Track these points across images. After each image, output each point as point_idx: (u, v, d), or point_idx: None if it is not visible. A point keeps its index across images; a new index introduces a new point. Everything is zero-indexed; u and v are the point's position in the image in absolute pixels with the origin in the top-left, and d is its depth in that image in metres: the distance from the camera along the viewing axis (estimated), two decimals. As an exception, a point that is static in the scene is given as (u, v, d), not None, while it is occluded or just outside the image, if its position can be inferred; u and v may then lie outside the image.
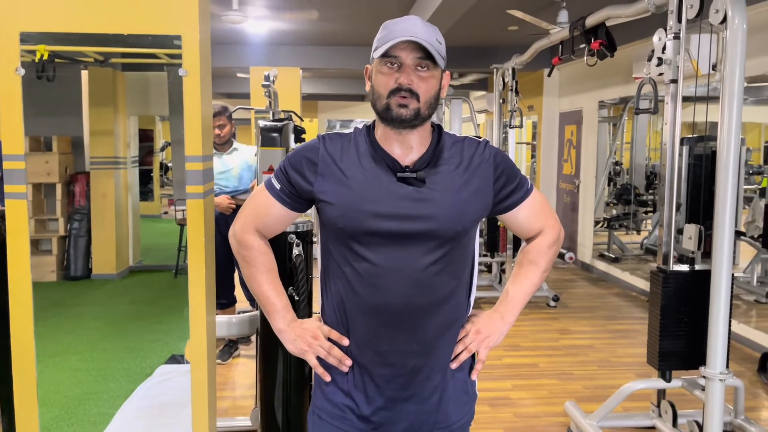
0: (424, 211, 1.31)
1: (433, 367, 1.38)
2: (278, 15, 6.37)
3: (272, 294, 1.44)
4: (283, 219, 1.44)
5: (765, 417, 3.41)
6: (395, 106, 1.29)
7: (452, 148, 1.38)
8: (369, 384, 1.37)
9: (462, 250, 1.38)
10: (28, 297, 2.09)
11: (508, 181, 1.40)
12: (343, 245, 1.35)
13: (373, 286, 1.32)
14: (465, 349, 1.41)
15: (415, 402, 1.38)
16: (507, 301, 1.47)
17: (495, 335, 1.42)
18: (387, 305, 1.32)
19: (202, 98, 2.06)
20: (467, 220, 1.35)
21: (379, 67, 1.32)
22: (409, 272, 1.31)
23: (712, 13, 2.57)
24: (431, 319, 1.35)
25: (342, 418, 1.39)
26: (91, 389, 3.61)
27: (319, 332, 1.39)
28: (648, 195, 7.77)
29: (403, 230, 1.30)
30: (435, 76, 1.32)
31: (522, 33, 6.25)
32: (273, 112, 3.76)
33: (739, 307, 5.28)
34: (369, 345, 1.36)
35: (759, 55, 4.39)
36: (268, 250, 1.46)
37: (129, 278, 6.60)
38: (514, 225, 1.48)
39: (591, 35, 3.89)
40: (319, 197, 1.35)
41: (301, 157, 1.38)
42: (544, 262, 1.48)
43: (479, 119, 9.66)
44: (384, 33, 1.30)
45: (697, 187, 3.24)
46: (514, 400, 3.56)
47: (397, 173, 1.32)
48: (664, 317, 2.84)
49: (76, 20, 2.00)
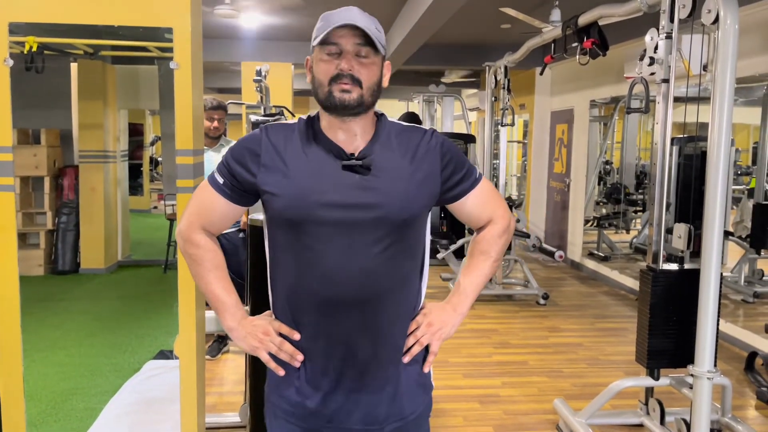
0: (370, 199, 1.29)
1: (385, 358, 1.36)
2: (270, 10, 6.34)
3: (221, 292, 1.41)
4: (228, 214, 1.41)
5: (752, 416, 3.44)
6: (337, 92, 1.27)
7: (399, 137, 1.37)
8: (321, 377, 1.35)
9: (411, 238, 1.36)
10: (15, 291, 2.07)
11: (456, 170, 1.40)
12: (289, 236, 1.32)
13: (321, 277, 1.30)
14: (417, 342, 1.39)
15: (368, 393, 1.35)
16: (459, 293, 1.45)
17: (447, 327, 1.41)
18: (335, 296, 1.30)
19: (193, 91, 2.04)
20: (414, 208, 1.33)
21: (319, 55, 1.30)
22: (356, 262, 1.29)
23: (705, 13, 2.58)
24: (381, 309, 1.33)
25: (296, 414, 1.37)
26: (78, 384, 3.58)
27: (269, 328, 1.37)
28: (638, 194, 7.80)
29: (350, 219, 1.28)
30: (376, 63, 1.31)
31: (515, 31, 6.26)
32: (264, 107, 3.74)
33: (726, 307, 5.32)
34: (319, 338, 1.33)
35: (750, 56, 4.42)
36: (215, 247, 1.43)
37: (117, 273, 6.56)
38: (463, 214, 1.47)
39: (583, 34, 3.90)
40: (264, 188, 1.32)
41: (243, 148, 1.35)
42: (495, 252, 1.47)
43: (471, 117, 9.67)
44: (322, 23, 1.29)
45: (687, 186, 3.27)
46: (504, 398, 3.57)
47: (342, 161, 1.31)
48: (653, 316, 2.85)
49: (66, 11, 1.98)
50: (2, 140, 2.02)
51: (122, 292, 5.80)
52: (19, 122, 6.54)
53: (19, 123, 6.48)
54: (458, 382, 3.80)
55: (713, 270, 2.59)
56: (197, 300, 2.14)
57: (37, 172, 6.28)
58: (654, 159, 2.97)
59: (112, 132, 6.60)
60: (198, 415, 2.22)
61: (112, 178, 6.59)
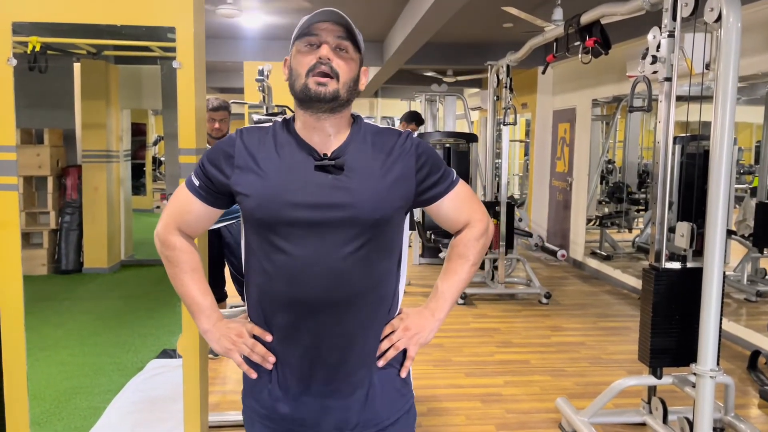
0: (341, 199, 1.28)
1: (356, 362, 1.34)
2: (272, 10, 6.35)
3: (197, 294, 1.42)
4: (204, 216, 1.41)
5: (755, 414, 3.43)
6: (313, 84, 1.27)
7: (374, 138, 1.36)
8: (292, 380, 1.34)
9: (385, 240, 1.34)
10: (18, 290, 2.07)
11: (431, 172, 1.38)
12: (262, 238, 1.32)
13: (292, 278, 1.29)
14: (392, 346, 1.37)
15: (339, 398, 1.34)
16: (437, 297, 1.44)
17: (425, 332, 1.39)
18: (306, 298, 1.29)
19: (196, 91, 2.05)
20: (386, 208, 1.32)
21: (299, 48, 1.31)
22: (327, 263, 1.28)
23: (707, 11, 2.58)
24: (352, 312, 1.31)
25: (270, 417, 1.37)
26: (81, 383, 3.59)
27: (243, 330, 1.37)
28: (640, 193, 7.79)
29: (321, 219, 1.27)
30: (355, 60, 1.32)
31: (517, 30, 6.26)
32: (267, 106, 3.75)
33: (729, 306, 5.32)
34: (290, 340, 1.32)
35: (753, 55, 4.41)
36: (192, 249, 1.43)
37: (120, 272, 6.58)
38: (439, 217, 1.46)
39: (586, 33, 3.90)
40: (236, 189, 1.33)
41: (218, 151, 1.36)
42: (473, 256, 1.46)
43: (473, 116, 9.67)
44: (303, 20, 1.31)
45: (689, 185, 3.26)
46: (506, 397, 3.57)
47: (315, 161, 1.30)
48: (656, 315, 2.85)
49: (69, 10, 1.99)
50: (6, 140, 2.02)
51: (125, 292, 5.81)
52: (23, 122, 6.58)
53: (23, 123, 6.52)
54: (460, 381, 3.80)
55: (716, 269, 2.59)
56: (200, 299, 2.14)
57: (40, 172, 6.29)
58: (656, 158, 2.97)
59: (115, 132, 6.62)
60: (201, 414, 2.22)
61: (115, 177, 6.61)
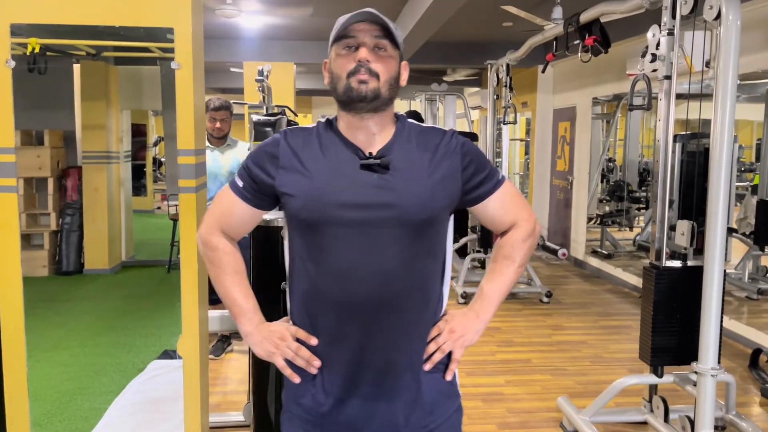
0: (387, 198, 1.26)
1: (404, 365, 1.33)
2: (272, 10, 6.35)
3: (239, 296, 1.39)
4: (247, 218, 1.40)
5: (756, 412, 3.43)
6: (355, 83, 1.27)
7: (418, 137, 1.35)
8: (338, 383, 1.32)
9: (431, 240, 1.33)
10: (18, 291, 2.07)
11: (477, 171, 1.36)
12: (307, 239, 1.30)
13: (338, 280, 1.27)
14: (438, 349, 1.35)
15: (386, 401, 1.32)
16: (482, 299, 1.42)
17: (470, 334, 1.38)
18: (352, 300, 1.27)
19: (195, 91, 2.05)
20: (434, 208, 1.30)
21: (337, 51, 1.31)
22: (374, 263, 1.26)
23: (707, 9, 2.58)
24: (399, 313, 1.30)
25: (314, 422, 1.35)
26: (83, 384, 3.59)
27: (286, 333, 1.34)
28: (641, 192, 7.79)
29: (367, 219, 1.26)
30: (394, 57, 1.31)
31: (516, 29, 6.26)
32: (267, 107, 3.75)
33: (730, 304, 5.31)
34: (336, 343, 1.31)
35: (752, 52, 4.40)
36: (234, 251, 1.42)
37: (121, 273, 6.58)
38: (485, 218, 1.43)
39: (585, 31, 3.89)
40: (281, 190, 1.32)
41: (263, 152, 1.35)
42: (519, 257, 1.43)
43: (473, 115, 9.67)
44: (339, 22, 1.31)
45: (690, 183, 3.25)
46: (507, 396, 3.56)
47: (361, 161, 1.29)
48: (657, 313, 2.85)
49: (67, 12, 1.99)
50: (4, 141, 2.02)
51: (126, 293, 5.82)
52: (23, 123, 6.58)
53: (23, 124, 6.51)
54: (461, 380, 3.77)
55: (716, 267, 2.58)
56: (200, 299, 2.14)
57: (40, 173, 6.30)
58: (657, 156, 2.97)
59: (115, 133, 6.62)
60: (202, 414, 2.22)
61: (115, 178, 6.61)
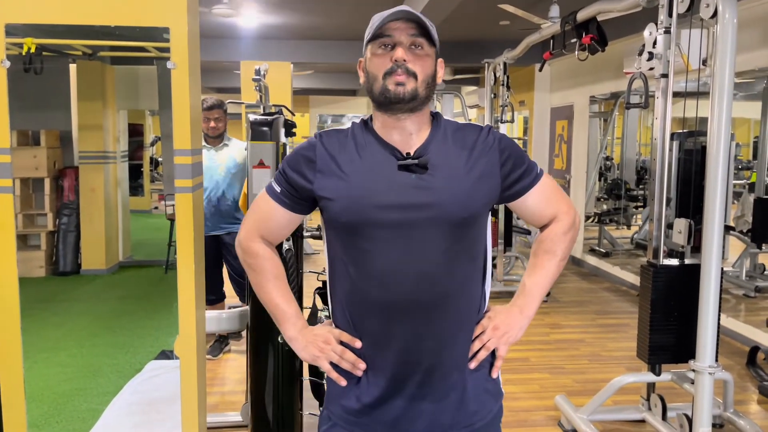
0: (427, 198, 1.26)
1: (450, 365, 1.32)
2: (269, 10, 6.34)
3: (281, 301, 1.39)
4: (286, 223, 1.40)
5: (754, 410, 3.43)
6: (392, 85, 1.25)
7: (455, 135, 1.33)
8: (383, 384, 1.31)
9: (471, 239, 1.32)
10: (14, 292, 2.06)
11: (516, 166, 1.35)
12: (347, 242, 1.30)
13: (381, 282, 1.27)
14: (483, 347, 1.34)
15: (433, 401, 1.32)
16: (525, 294, 1.40)
17: (514, 330, 1.37)
18: (396, 301, 1.27)
19: (191, 91, 2.04)
20: (474, 207, 1.29)
21: (373, 50, 1.29)
22: (416, 264, 1.26)
23: (703, 7, 2.58)
24: (443, 313, 1.29)
25: (356, 423, 1.34)
26: (80, 385, 3.58)
27: (330, 336, 1.34)
28: (638, 190, 7.79)
29: (407, 220, 1.25)
30: (430, 55, 1.29)
31: (513, 28, 6.25)
32: (263, 106, 3.74)
33: (728, 302, 5.32)
34: (381, 345, 1.30)
35: (749, 50, 4.41)
36: (274, 256, 1.42)
37: (119, 274, 6.57)
38: (525, 212, 1.42)
39: (582, 30, 3.89)
40: (320, 194, 1.31)
41: (299, 156, 1.34)
42: (561, 251, 1.41)
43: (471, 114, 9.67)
44: (375, 21, 1.29)
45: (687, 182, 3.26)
46: (506, 395, 3.51)
47: (398, 161, 1.28)
48: (654, 311, 2.85)
49: (63, 12, 1.98)
50: (0, 142, 2.01)
51: (123, 293, 5.81)
52: (19, 124, 6.55)
53: (19, 124, 6.49)
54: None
55: (714, 265, 2.58)
56: (197, 300, 2.14)
57: (37, 174, 6.28)
58: (654, 154, 2.97)
59: (112, 133, 6.60)
60: (199, 415, 2.22)
61: (112, 178, 6.60)
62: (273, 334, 2.40)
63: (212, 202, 3.87)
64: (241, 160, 3.93)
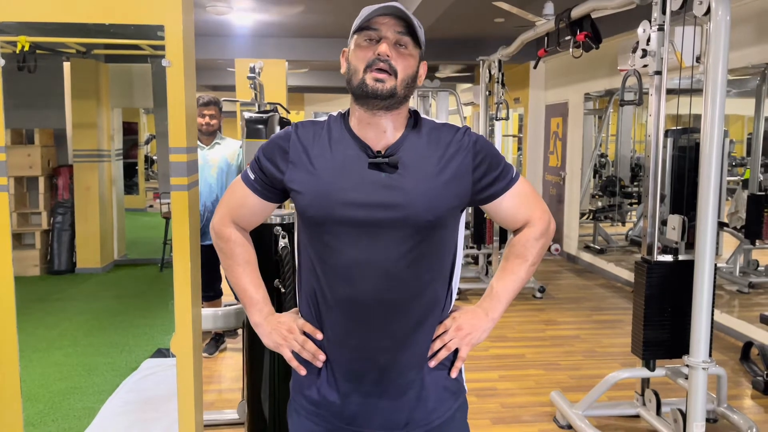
0: (394, 198, 1.25)
1: (407, 364, 1.32)
2: (264, 7, 6.33)
3: (250, 287, 1.41)
4: (258, 210, 1.41)
5: (747, 405, 3.46)
6: (371, 80, 1.24)
7: (430, 134, 1.32)
8: (341, 379, 1.33)
9: (438, 241, 1.31)
10: (9, 291, 2.06)
11: (490, 169, 1.33)
12: (314, 236, 1.30)
13: (343, 278, 1.27)
14: (444, 347, 1.34)
15: (389, 398, 1.32)
16: (491, 297, 1.40)
17: (477, 332, 1.36)
18: (357, 299, 1.27)
19: (186, 89, 2.04)
20: (440, 209, 1.28)
21: (358, 42, 1.29)
22: (379, 264, 1.26)
23: (696, 4, 2.59)
24: (403, 314, 1.29)
25: (317, 414, 1.36)
26: (76, 384, 3.58)
27: (294, 325, 1.36)
28: (633, 187, 7.82)
29: (373, 219, 1.25)
30: (414, 55, 1.29)
31: (508, 25, 6.26)
32: (258, 104, 3.73)
33: (722, 297, 5.35)
34: (341, 340, 1.31)
35: (742, 47, 4.42)
36: (245, 242, 1.43)
37: (114, 272, 6.55)
38: (498, 216, 1.41)
39: (576, 27, 3.90)
40: (290, 186, 1.31)
41: (274, 145, 1.34)
42: (532, 256, 1.40)
43: (466, 111, 9.67)
44: (364, 12, 1.28)
45: (681, 178, 3.27)
46: (501, 391, 3.58)
47: (369, 159, 1.27)
48: (648, 307, 2.87)
49: (57, 9, 1.97)
50: (-5, 140, 2.01)
51: (119, 291, 5.80)
52: (13, 122, 6.52)
53: (13, 123, 6.46)
54: (456, 376, 3.80)
55: (707, 261, 2.60)
56: (193, 298, 2.14)
57: (31, 172, 6.26)
58: (648, 151, 2.98)
59: (106, 131, 6.58)
60: (196, 412, 2.22)
61: (106, 177, 6.58)
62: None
63: (208, 209, 3.82)
64: (233, 161, 3.91)
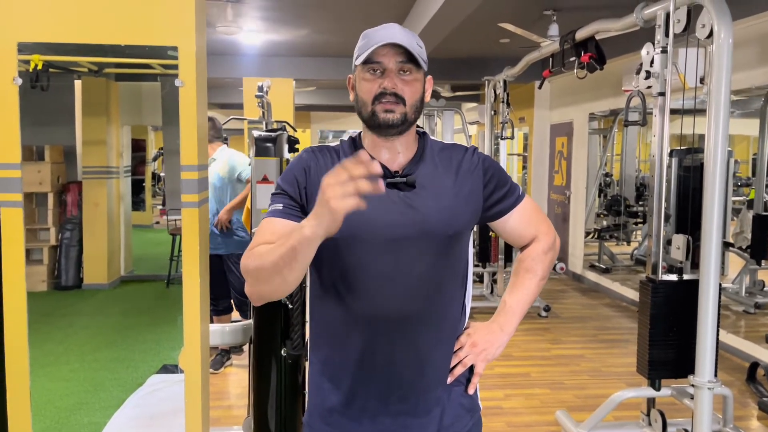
0: (414, 216, 1.29)
1: (431, 380, 1.34)
2: (272, 28, 6.41)
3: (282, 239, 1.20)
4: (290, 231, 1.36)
5: (754, 426, 3.44)
6: (381, 111, 1.28)
7: (440, 154, 1.37)
8: (369, 400, 1.33)
9: (456, 256, 1.36)
10: (22, 306, 2.09)
11: (498, 187, 1.39)
12: (335, 257, 1.31)
13: (367, 296, 1.29)
14: (460, 363, 1.36)
15: (417, 416, 1.33)
16: (505, 312, 1.42)
17: (492, 348, 1.38)
18: (381, 316, 1.29)
19: (198, 108, 2.08)
20: (458, 225, 1.33)
21: (362, 74, 1.32)
22: (401, 280, 1.29)
23: (699, 27, 2.63)
24: (425, 328, 1.32)
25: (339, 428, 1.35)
26: (82, 399, 3.59)
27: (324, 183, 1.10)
28: (638, 206, 7.83)
29: (395, 236, 1.28)
30: (418, 79, 1.32)
31: (513, 45, 6.32)
32: (266, 122, 3.78)
33: (728, 318, 5.33)
34: (366, 359, 1.32)
35: (745, 69, 4.46)
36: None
37: (120, 288, 6.58)
38: (505, 233, 1.45)
39: (581, 48, 3.94)
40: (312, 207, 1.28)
41: (295, 169, 1.36)
42: (540, 270, 1.45)
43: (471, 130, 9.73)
44: (364, 41, 1.31)
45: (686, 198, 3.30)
46: (507, 410, 3.57)
47: (387, 179, 1.28)
48: (654, 327, 2.87)
49: (74, 31, 2.02)
50: (11, 157, 2.06)
51: (125, 307, 5.82)
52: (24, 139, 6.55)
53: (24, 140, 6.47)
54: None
55: (712, 280, 2.61)
56: (202, 313, 2.17)
57: (41, 189, 6.31)
58: (653, 171, 3.00)
59: (115, 148, 6.65)
60: (203, 428, 2.23)
61: (115, 193, 6.63)
62: (276, 348, 2.42)
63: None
64: (225, 173, 3.94)
